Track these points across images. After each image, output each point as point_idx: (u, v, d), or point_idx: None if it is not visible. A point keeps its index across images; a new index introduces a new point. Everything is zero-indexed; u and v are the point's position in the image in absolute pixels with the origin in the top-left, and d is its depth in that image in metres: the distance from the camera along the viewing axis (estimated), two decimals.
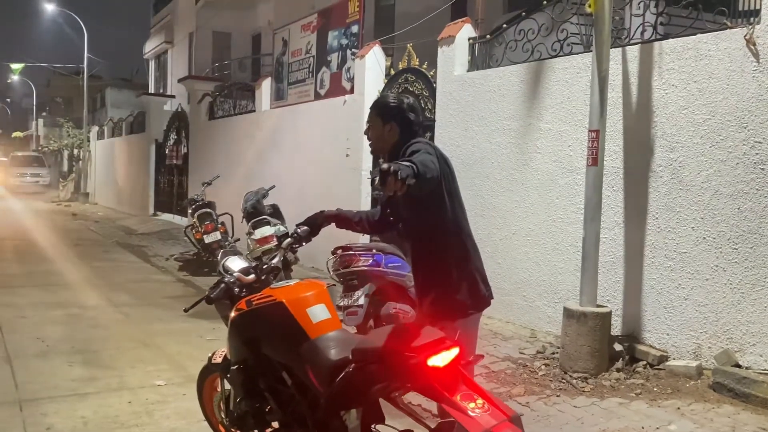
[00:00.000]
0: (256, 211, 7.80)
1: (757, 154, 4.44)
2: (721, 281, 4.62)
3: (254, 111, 11.80)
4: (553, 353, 5.21)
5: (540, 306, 5.92)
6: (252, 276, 2.89)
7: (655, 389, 4.47)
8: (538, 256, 5.94)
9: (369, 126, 2.95)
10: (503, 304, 6.22)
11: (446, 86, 7.07)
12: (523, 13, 6.22)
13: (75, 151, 28.04)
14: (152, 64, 27.82)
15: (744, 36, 4.48)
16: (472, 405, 1.99)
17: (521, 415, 2.08)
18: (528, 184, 6.06)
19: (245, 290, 2.86)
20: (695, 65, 4.80)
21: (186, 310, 2.99)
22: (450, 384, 2.04)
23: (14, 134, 46.94)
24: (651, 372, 4.75)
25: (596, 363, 4.74)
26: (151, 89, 26.22)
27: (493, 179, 6.39)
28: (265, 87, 11.44)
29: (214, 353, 3.25)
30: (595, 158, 4.86)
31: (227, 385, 3.07)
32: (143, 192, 17.71)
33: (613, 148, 5.26)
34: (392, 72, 8.15)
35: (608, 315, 4.89)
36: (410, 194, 2.36)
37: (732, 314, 4.56)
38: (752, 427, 3.85)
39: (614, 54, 5.13)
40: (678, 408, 4.14)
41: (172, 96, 19.84)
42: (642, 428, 3.87)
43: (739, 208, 4.53)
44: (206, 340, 5.60)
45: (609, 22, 4.83)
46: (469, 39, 6.93)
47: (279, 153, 10.61)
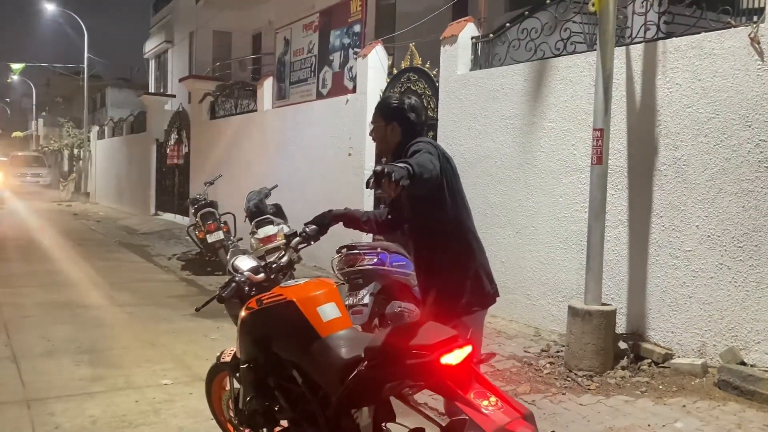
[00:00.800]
0: (259, 211, 7.82)
1: (762, 153, 4.45)
2: (726, 279, 4.63)
3: (256, 110, 11.80)
4: (558, 351, 5.22)
5: (544, 304, 5.93)
6: (262, 275, 2.90)
7: (661, 387, 4.48)
8: (542, 255, 5.95)
9: (373, 127, 3.00)
10: (507, 303, 6.23)
11: (449, 85, 7.07)
12: (526, 12, 6.22)
13: (75, 151, 28.04)
14: (152, 64, 27.79)
15: (748, 34, 4.49)
16: (486, 402, 2.01)
17: (532, 412, 2.09)
18: (532, 183, 6.07)
19: (255, 289, 2.87)
20: (699, 64, 4.80)
21: (197, 310, 3.01)
22: (463, 382, 2.05)
23: (14, 134, 46.93)
24: (656, 370, 4.76)
25: (601, 361, 4.75)
26: (152, 89, 26.19)
27: (497, 178, 6.40)
28: (267, 86, 11.44)
29: (223, 352, 3.26)
30: (600, 157, 4.87)
31: (236, 384, 3.08)
32: (144, 192, 17.71)
33: (618, 147, 5.27)
34: (394, 71, 8.16)
35: (613, 313, 4.90)
36: (410, 194, 2.41)
37: (737, 312, 4.57)
38: (758, 425, 3.86)
39: (618, 53, 5.13)
40: (684, 406, 4.15)
41: (173, 96, 19.83)
42: (648, 426, 3.88)
43: (744, 206, 4.54)
44: (211, 340, 5.62)
45: (613, 21, 4.84)
46: (472, 38, 6.93)
47: (281, 152, 10.61)
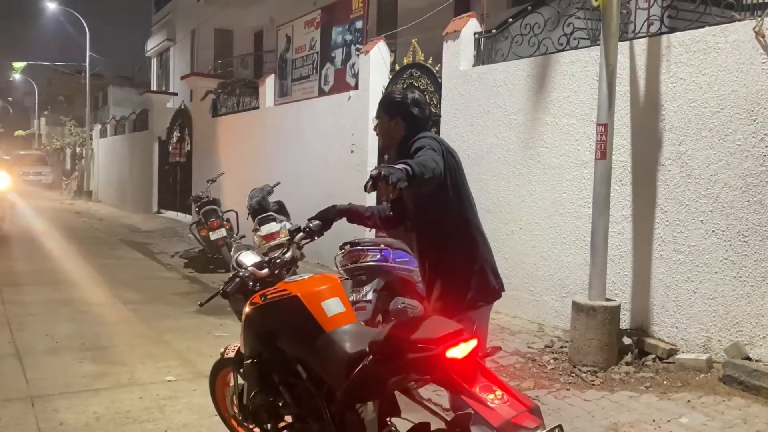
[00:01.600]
0: (262, 208, 7.81)
1: (767, 147, 4.43)
2: (731, 274, 4.62)
3: (258, 108, 11.80)
4: (562, 347, 5.21)
5: (548, 300, 5.92)
6: (266, 270, 2.90)
7: (665, 382, 4.47)
8: (546, 251, 5.94)
9: (377, 122, 2.99)
10: (511, 299, 6.21)
11: (452, 81, 7.06)
12: (529, 7, 6.20)
13: (77, 150, 28.07)
14: (154, 62, 27.83)
15: (753, 28, 4.47)
16: (492, 396, 2.00)
17: (539, 405, 2.09)
18: (535, 179, 6.06)
19: (259, 284, 2.87)
20: (704, 58, 4.78)
21: (201, 305, 3.00)
22: (469, 375, 2.04)
23: (17, 133, 46.99)
24: (660, 365, 4.75)
25: (605, 357, 4.74)
26: (154, 87, 26.25)
27: (500, 174, 6.38)
28: (269, 84, 11.43)
29: (227, 348, 3.26)
30: (604, 152, 4.85)
31: (240, 380, 3.07)
32: (147, 190, 17.72)
33: (621, 142, 5.25)
34: (397, 67, 8.14)
35: (617, 309, 4.89)
36: (412, 192, 2.42)
37: (742, 307, 4.56)
38: (763, 420, 3.85)
39: (622, 47, 5.11)
40: (688, 401, 4.14)
41: (175, 93, 19.85)
42: (653, 421, 3.87)
43: (749, 201, 4.52)
44: (215, 336, 5.62)
45: (617, 15, 4.82)
46: (475, 34, 6.91)
47: (283, 149, 10.60)
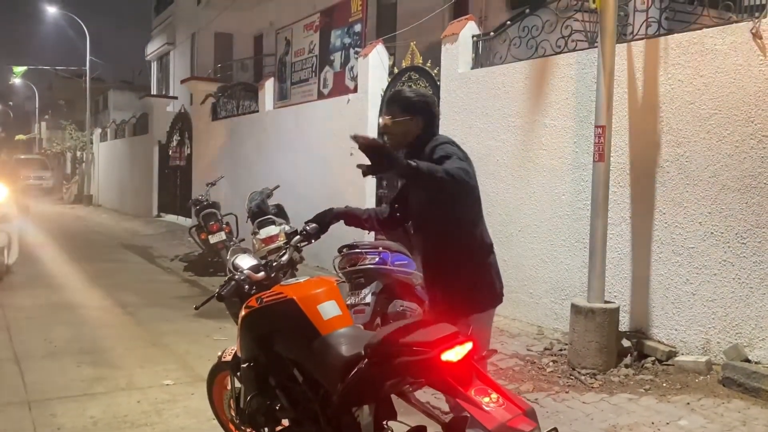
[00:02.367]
0: (261, 211, 7.81)
1: (765, 148, 4.42)
2: (730, 276, 4.61)
3: (257, 111, 11.81)
4: (561, 350, 5.20)
5: (547, 303, 5.91)
6: (262, 273, 2.89)
7: (664, 385, 4.46)
8: (545, 253, 5.93)
9: (391, 120, 2.89)
10: (510, 301, 6.17)
11: (450, 84, 7.06)
12: (527, 10, 6.21)
13: (78, 154, 28.08)
14: (154, 66, 27.85)
15: (750, 30, 4.47)
16: (487, 399, 1.99)
17: (534, 408, 2.08)
18: (533, 181, 6.05)
19: (255, 288, 2.86)
20: (701, 60, 4.78)
21: (197, 308, 3.00)
22: (464, 378, 2.03)
23: (17, 137, 47.00)
24: (660, 368, 4.74)
25: (604, 359, 4.73)
26: (154, 91, 26.23)
27: (498, 176, 6.38)
28: (269, 87, 11.44)
29: (224, 351, 3.26)
30: (602, 154, 4.85)
31: (237, 383, 3.07)
32: (147, 193, 17.73)
33: (620, 144, 5.25)
34: (396, 70, 8.15)
35: (616, 311, 4.88)
36: (429, 194, 2.58)
37: (741, 309, 4.55)
38: (763, 422, 3.84)
39: (619, 49, 5.11)
40: (688, 403, 4.13)
41: (175, 97, 19.86)
42: (652, 423, 3.86)
43: (747, 203, 4.51)
44: (213, 340, 5.61)
45: (614, 17, 4.82)
46: (473, 36, 6.92)
47: (283, 153, 10.61)
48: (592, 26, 5.61)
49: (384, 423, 2.44)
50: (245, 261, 2.98)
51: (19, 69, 30.31)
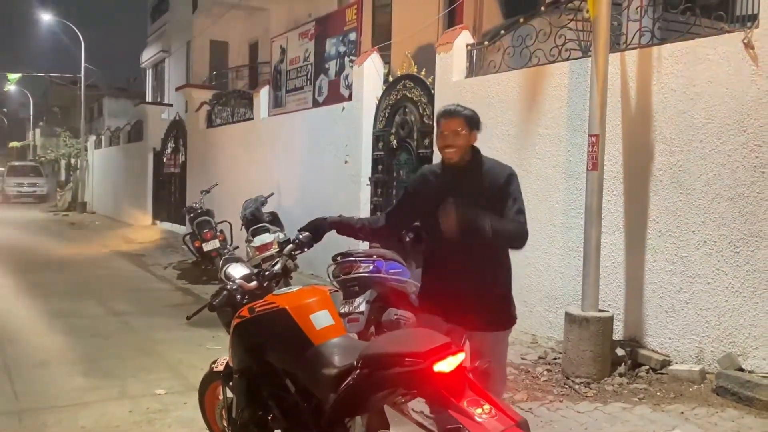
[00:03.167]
0: (255, 219, 7.81)
1: (757, 158, 4.44)
2: (723, 285, 4.62)
3: (252, 119, 11.80)
4: (555, 358, 5.19)
5: (541, 311, 5.90)
6: (254, 283, 2.88)
7: (659, 394, 4.45)
8: (539, 261, 5.93)
9: (456, 134, 2.98)
10: None
11: (444, 92, 7.07)
12: (521, 19, 6.23)
13: (72, 161, 28.00)
14: (149, 73, 27.83)
15: (742, 40, 4.49)
16: (479, 411, 1.98)
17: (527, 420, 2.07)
18: (527, 190, 5.99)
19: (247, 297, 2.85)
20: (694, 69, 4.80)
21: (188, 318, 2.98)
22: (456, 390, 2.02)
23: (11, 144, 46.87)
24: (654, 376, 4.74)
25: (599, 368, 4.72)
26: (149, 98, 26.21)
27: None
28: (264, 95, 11.44)
29: (216, 361, 3.24)
30: (595, 163, 4.86)
31: (229, 393, 3.05)
32: (141, 201, 17.67)
33: (613, 153, 5.26)
34: (390, 79, 8.16)
35: (610, 320, 4.88)
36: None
37: (734, 318, 4.55)
38: (757, 431, 3.84)
39: (613, 59, 5.13)
40: (682, 412, 4.13)
41: (170, 105, 19.85)
42: None
43: (740, 212, 4.53)
44: (207, 349, 5.58)
45: (607, 27, 4.84)
46: (467, 45, 6.94)
47: (277, 160, 10.60)
48: (586, 35, 5.64)
49: None
50: (237, 270, 2.97)
51: (14, 76, 30.18)
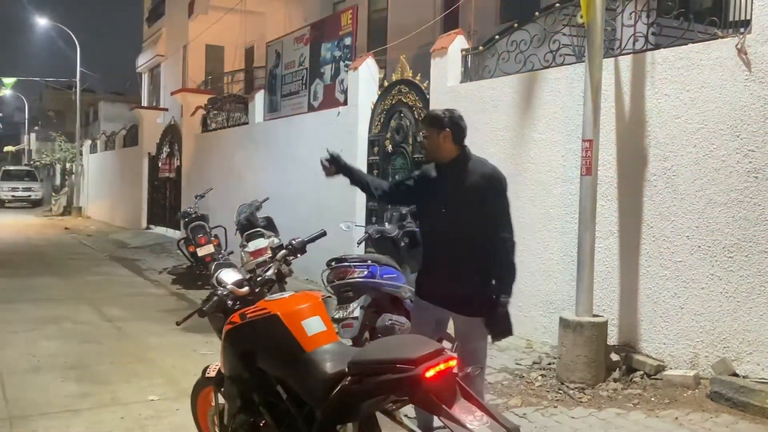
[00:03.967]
0: (250, 224, 7.78)
1: (750, 163, 4.45)
2: (717, 290, 4.62)
3: (247, 123, 11.79)
4: (550, 364, 5.18)
5: (535, 316, 5.89)
6: (246, 288, 2.86)
7: (653, 399, 4.44)
8: (533, 266, 5.92)
9: (424, 138, 3.33)
10: None
11: (439, 97, 7.07)
12: (516, 25, 6.24)
13: (67, 165, 27.93)
14: (145, 78, 27.79)
15: (735, 45, 4.51)
16: (471, 418, 1.97)
17: (519, 427, 2.06)
18: (522, 195, 6.05)
19: (239, 303, 2.83)
20: (687, 74, 4.81)
21: (178, 324, 2.95)
22: (448, 396, 2.01)
23: (6, 148, 46.72)
24: (648, 382, 4.73)
25: (593, 373, 4.71)
26: (144, 102, 26.16)
27: None
28: (259, 99, 11.44)
29: (208, 367, 3.21)
30: (589, 168, 4.86)
31: (221, 399, 3.03)
32: (136, 205, 17.64)
33: (607, 158, 5.27)
34: (386, 83, 8.16)
35: (604, 325, 4.87)
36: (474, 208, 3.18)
37: (728, 323, 4.55)
38: None
39: (607, 64, 5.14)
40: (676, 418, 4.12)
41: (165, 109, 19.80)
42: None
43: (734, 217, 4.53)
44: (200, 354, 5.55)
45: (601, 33, 4.85)
46: (462, 50, 6.95)
47: (272, 165, 10.58)
48: (580, 41, 5.65)
49: None
50: (229, 275, 2.95)
51: (9, 80, 30.10)
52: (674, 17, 4.97)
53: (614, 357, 4.95)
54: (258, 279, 2.90)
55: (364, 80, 8.40)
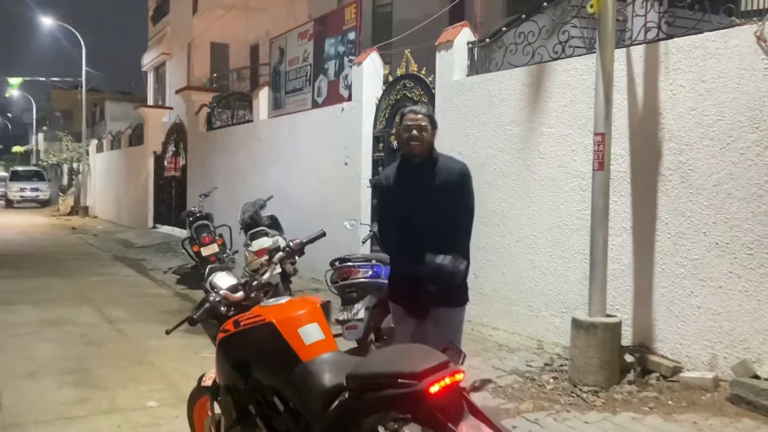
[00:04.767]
0: (254, 222, 7.65)
1: None
2: (736, 288, 4.43)
3: (252, 121, 11.67)
4: (562, 365, 5.01)
5: (547, 316, 5.72)
6: (240, 293, 2.71)
7: (670, 402, 4.27)
8: (544, 265, 5.75)
9: (422, 128, 3.28)
10: (508, 315, 6.03)
11: (445, 91, 6.91)
12: (523, 16, 6.06)
13: (74, 165, 27.94)
14: (150, 76, 27.74)
15: (754, 33, 4.32)
16: None
17: None
18: (532, 191, 5.88)
19: (233, 309, 2.68)
20: (703, 64, 4.63)
21: (167, 332, 2.80)
22: (454, 414, 1.84)
23: (14, 149, 46.92)
24: (664, 384, 4.55)
25: (607, 375, 4.54)
26: (150, 101, 26.11)
27: (496, 186, 6.21)
28: (263, 96, 11.31)
29: (204, 375, 3.07)
30: (602, 162, 4.68)
31: (218, 409, 2.89)
32: (142, 205, 17.57)
33: (620, 152, 5.09)
34: (390, 78, 8.00)
35: (618, 325, 4.69)
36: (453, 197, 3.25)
37: (748, 323, 4.37)
38: None
39: (618, 55, 4.95)
40: (695, 422, 3.94)
41: (170, 108, 19.73)
42: None
43: (754, 212, 4.34)
44: (202, 357, 5.41)
45: (613, 22, 4.67)
46: (468, 43, 6.77)
47: (277, 163, 10.45)
48: (590, 32, 5.47)
49: None
50: (223, 280, 2.80)
51: (15, 81, 30.15)
52: (688, 6, 4.78)
53: (628, 358, 4.77)
54: (253, 283, 2.75)
55: (369, 75, 8.23)
